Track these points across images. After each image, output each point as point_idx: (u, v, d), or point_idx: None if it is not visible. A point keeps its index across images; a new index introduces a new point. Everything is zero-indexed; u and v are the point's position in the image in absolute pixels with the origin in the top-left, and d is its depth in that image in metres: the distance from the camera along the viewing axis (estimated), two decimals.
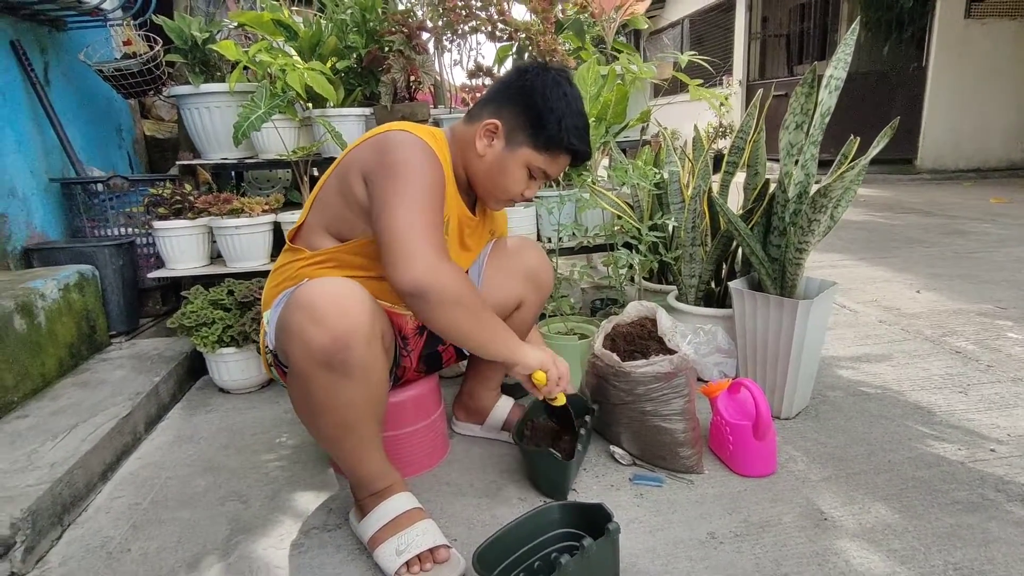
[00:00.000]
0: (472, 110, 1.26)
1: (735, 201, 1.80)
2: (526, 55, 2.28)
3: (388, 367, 1.14)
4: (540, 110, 1.18)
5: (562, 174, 2.18)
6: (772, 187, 1.61)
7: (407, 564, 1.05)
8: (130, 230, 2.35)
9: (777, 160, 1.54)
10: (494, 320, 1.12)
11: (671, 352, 1.41)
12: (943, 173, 6.84)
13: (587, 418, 1.37)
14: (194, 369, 2.00)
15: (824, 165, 1.39)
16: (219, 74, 2.21)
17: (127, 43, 2.45)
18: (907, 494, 1.24)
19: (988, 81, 6.71)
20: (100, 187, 2.29)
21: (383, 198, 1.06)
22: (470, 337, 1.09)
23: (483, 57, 2.56)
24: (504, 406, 1.54)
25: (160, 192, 2.08)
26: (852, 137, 1.58)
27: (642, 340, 1.51)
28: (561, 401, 1.28)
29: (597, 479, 1.35)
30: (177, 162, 2.32)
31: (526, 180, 1.24)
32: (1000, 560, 1.05)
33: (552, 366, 1.18)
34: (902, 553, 1.08)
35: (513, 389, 1.74)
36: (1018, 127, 6.91)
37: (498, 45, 2.29)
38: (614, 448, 1.43)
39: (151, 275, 2.14)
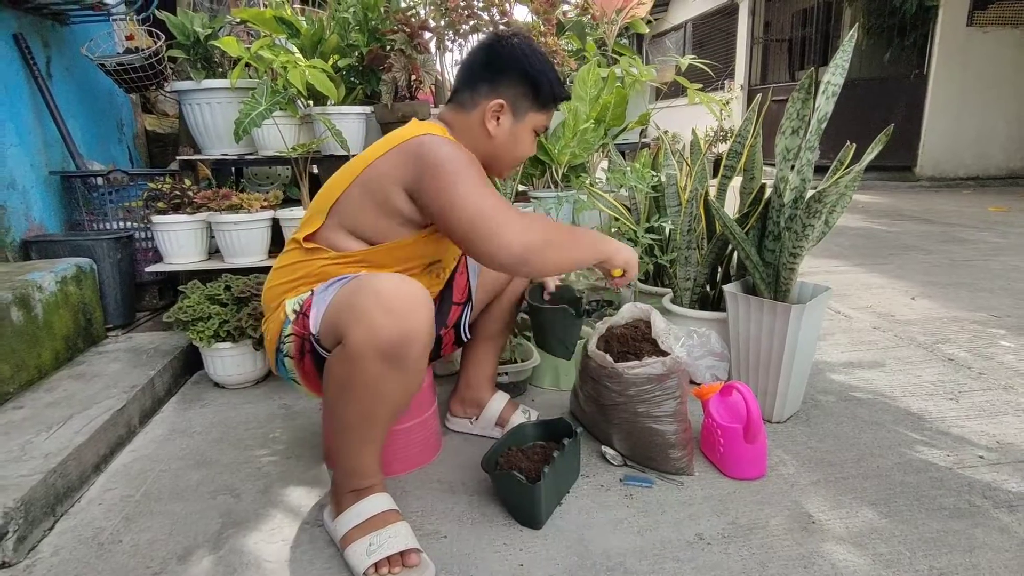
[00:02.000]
0: (461, 98, 1.27)
1: (731, 205, 1.80)
2: None
3: None
4: (533, 74, 1.24)
5: (560, 176, 2.19)
6: (768, 192, 1.62)
7: (375, 565, 1.05)
8: (129, 224, 2.36)
9: (774, 165, 1.55)
10: (578, 236, 1.23)
11: (664, 354, 1.42)
12: (942, 181, 6.85)
13: (565, 441, 1.31)
14: (190, 363, 2.01)
15: (822, 171, 1.39)
16: (221, 70, 2.22)
17: (130, 38, 2.46)
18: (895, 499, 1.25)
19: (989, 90, 6.72)
20: (100, 180, 2.30)
21: (444, 196, 1.10)
22: (569, 265, 1.21)
23: None
24: (499, 401, 1.56)
25: (159, 187, 2.09)
26: (848, 143, 1.59)
27: (636, 342, 1.51)
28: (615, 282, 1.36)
29: (587, 479, 1.36)
30: (177, 157, 2.33)
31: (533, 140, 1.33)
32: (984, 566, 1.06)
33: (634, 265, 1.30)
34: (888, 557, 1.09)
35: (508, 388, 1.75)
36: (1018, 136, 6.92)
37: None
38: (605, 448, 1.44)
39: (148, 269, 2.15)
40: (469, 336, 1.50)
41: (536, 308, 1.49)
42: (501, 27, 2.19)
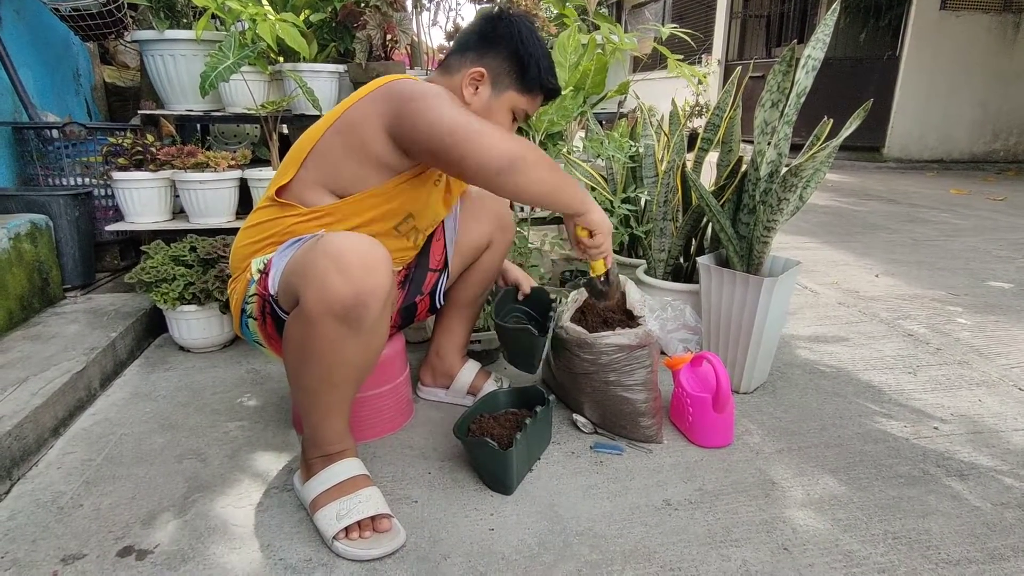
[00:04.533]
0: (449, 61, 1.26)
1: (708, 179, 1.81)
2: None
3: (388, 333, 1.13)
4: (522, 55, 1.21)
5: (538, 143, 2.16)
6: (745, 165, 1.62)
7: (346, 530, 1.04)
8: (87, 180, 2.26)
9: (751, 141, 1.55)
10: (564, 175, 1.18)
11: (637, 325, 1.43)
12: (908, 162, 7.00)
13: (537, 408, 1.30)
14: (153, 326, 1.95)
15: (796, 149, 1.40)
16: (185, 20, 2.12)
17: None
18: (854, 467, 1.30)
19: (957, 74, 6.84)
20: (55, 133, 2.19)
21: (426, 121, 1.07)
22: (555, 189, 1.14)
23: (462, 19, 2.51)
24: (470, 370, 1.55)
25: (120, 142, 1.99)
26: (825, 118, 1.60)
27: (610, 312, 1.52)
28: (600, 270, 1.34)
29: (558, 446, 1.37)
30: (139, 111, 2.22)
31: (511, 123, 1.29)
32: (936, 531, 1.11)
33: (606, 232, 1.24)
34: (845, 522, 1.13)
35: (480, 356, 1.75)
36: (982, 121, 7.08)
37: (478, 7, 2.24)
38: (576, 416, 1.46)
39: (109, 228, 2.07)
40: (443, 302, 1.49)
41: (500, 327, 1.49)
42: None
